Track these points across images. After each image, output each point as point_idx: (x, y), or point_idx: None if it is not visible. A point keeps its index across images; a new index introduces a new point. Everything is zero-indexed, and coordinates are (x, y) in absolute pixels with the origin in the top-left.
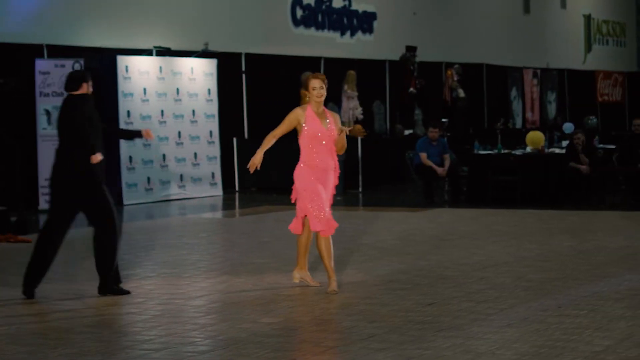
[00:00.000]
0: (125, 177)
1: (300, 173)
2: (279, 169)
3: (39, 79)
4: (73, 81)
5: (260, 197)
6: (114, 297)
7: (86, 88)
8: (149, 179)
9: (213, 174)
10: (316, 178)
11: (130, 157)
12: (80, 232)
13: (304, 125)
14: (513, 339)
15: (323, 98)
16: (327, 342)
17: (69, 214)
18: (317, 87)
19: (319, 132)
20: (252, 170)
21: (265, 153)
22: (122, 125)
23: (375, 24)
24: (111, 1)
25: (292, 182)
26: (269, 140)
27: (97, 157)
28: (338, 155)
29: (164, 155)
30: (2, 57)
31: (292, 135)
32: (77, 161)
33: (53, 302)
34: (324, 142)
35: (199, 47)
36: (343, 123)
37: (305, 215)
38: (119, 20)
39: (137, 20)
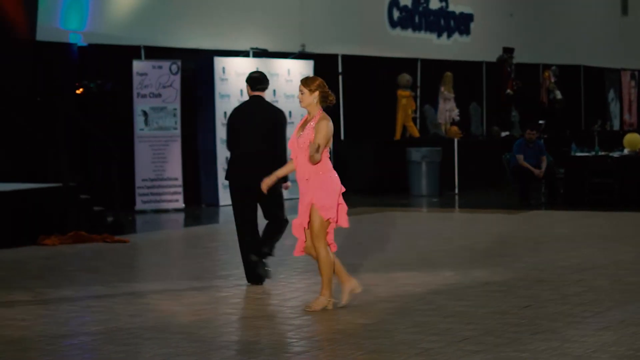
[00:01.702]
0: (222, 177)
1: None
2: (381, 171)
3: (136, 80)
4: (263, 82)
5: (355, 199)
6: (212, 296)
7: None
8: None
9: None
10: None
11: (227, 158)
12: (173, 234)
13: None
14: (610, 342)
15: (302, 104)
16: (422, 344)
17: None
18: (299, 93)
19: (291, 141)
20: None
21: (366, 155)
22: (219, 127)
23: (472, 25)
24: (208, 3)
25: (385, 184)
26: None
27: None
28: (428, 156)
29: None
30: (100, 58)
31: (382, 139)
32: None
33: (149, 302)
34: (297, 151)
35: (296, 49)
36: (438, 125)
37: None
38: (216, 22)
39: (234, 21)
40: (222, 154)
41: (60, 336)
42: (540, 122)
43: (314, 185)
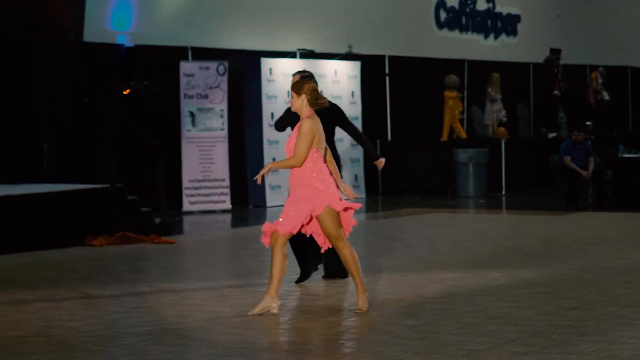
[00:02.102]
0: (269, 179)
1: None
2: (428, 172)
3: (183, 81)
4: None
5: (403, 200)
6: (259, 297)
7: None
8: None
9: (356, 177)
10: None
11: (274, 159)
12: (220, 235)
13: None
14: None
15: (292, 108)
16: (470, 346)
17: None
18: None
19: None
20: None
21: (413, 156)
22: (266, 128)
23: (520, 26)
24: (255, 3)
25: (431, 185)
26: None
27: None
28: (475, 157)
29: None
30: (148, 59)
31: (429, 140)
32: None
33: (196, 302)
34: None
35: (343, 50)
36: (485, 126)
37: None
38: (262, 23)
39: (281, 22)
40: (269, 154)
41: (108, 337)
42: (588, 123)
43: (314, 190)
